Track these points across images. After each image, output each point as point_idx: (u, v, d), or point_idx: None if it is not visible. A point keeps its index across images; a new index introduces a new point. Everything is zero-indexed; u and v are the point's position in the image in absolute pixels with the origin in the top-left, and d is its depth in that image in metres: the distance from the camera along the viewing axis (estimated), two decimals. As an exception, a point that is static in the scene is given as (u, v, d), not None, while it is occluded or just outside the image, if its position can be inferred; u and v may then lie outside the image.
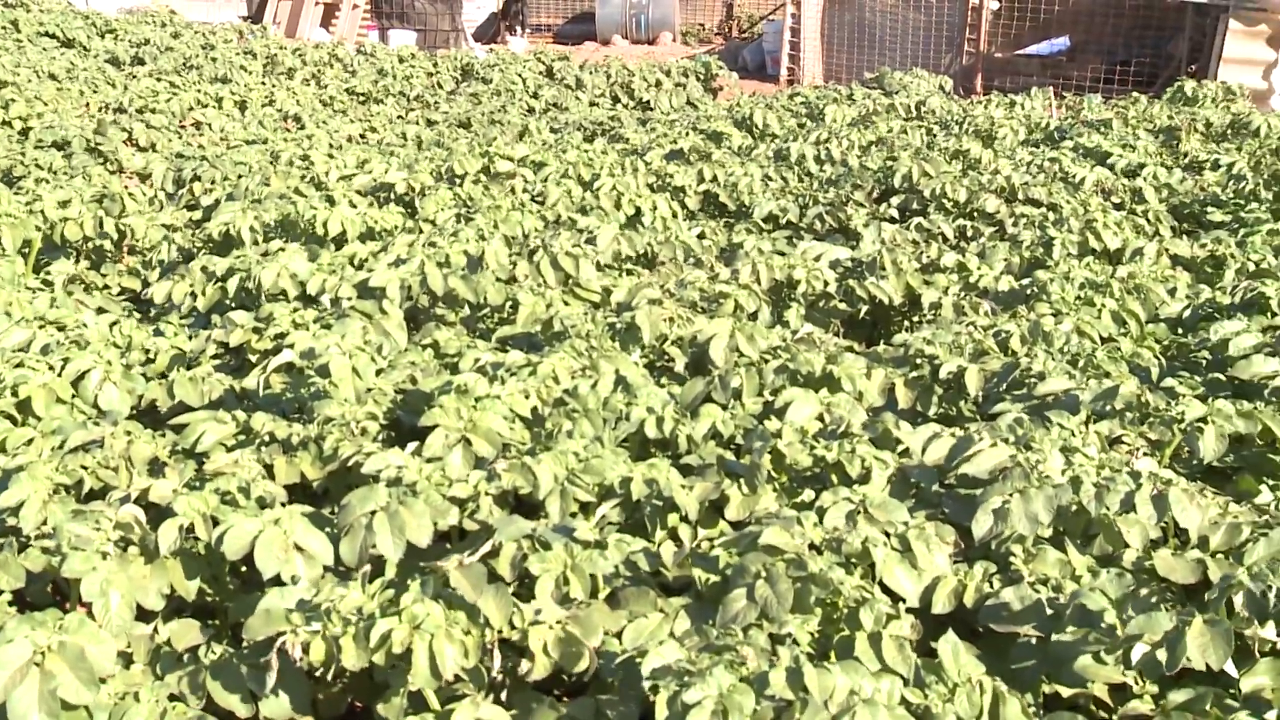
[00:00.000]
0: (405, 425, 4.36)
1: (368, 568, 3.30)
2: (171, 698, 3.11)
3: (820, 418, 4.29)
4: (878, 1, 16.55)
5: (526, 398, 4.26)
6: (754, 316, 5.60)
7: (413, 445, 3.91)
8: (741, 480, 3.74)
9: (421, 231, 6.73)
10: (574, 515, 3.59)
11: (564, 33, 22.71)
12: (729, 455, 4.05)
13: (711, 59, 14.89)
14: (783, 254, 6.39)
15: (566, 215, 7.02)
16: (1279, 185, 7.95)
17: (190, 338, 5.22)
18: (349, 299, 5.37)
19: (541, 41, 21.49)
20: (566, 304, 5.58)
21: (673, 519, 3.64)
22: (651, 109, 13.12)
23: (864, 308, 6.12)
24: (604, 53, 19.05)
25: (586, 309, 5.62)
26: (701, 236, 7.13)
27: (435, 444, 3.86)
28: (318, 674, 3.01)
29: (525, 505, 3.77)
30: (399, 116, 12.10)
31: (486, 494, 3.64)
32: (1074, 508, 3.45)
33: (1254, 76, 13.29)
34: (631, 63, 14.36)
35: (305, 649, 2.90)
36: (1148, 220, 7.34)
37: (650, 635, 3.02)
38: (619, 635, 3.10)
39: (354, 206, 6.94)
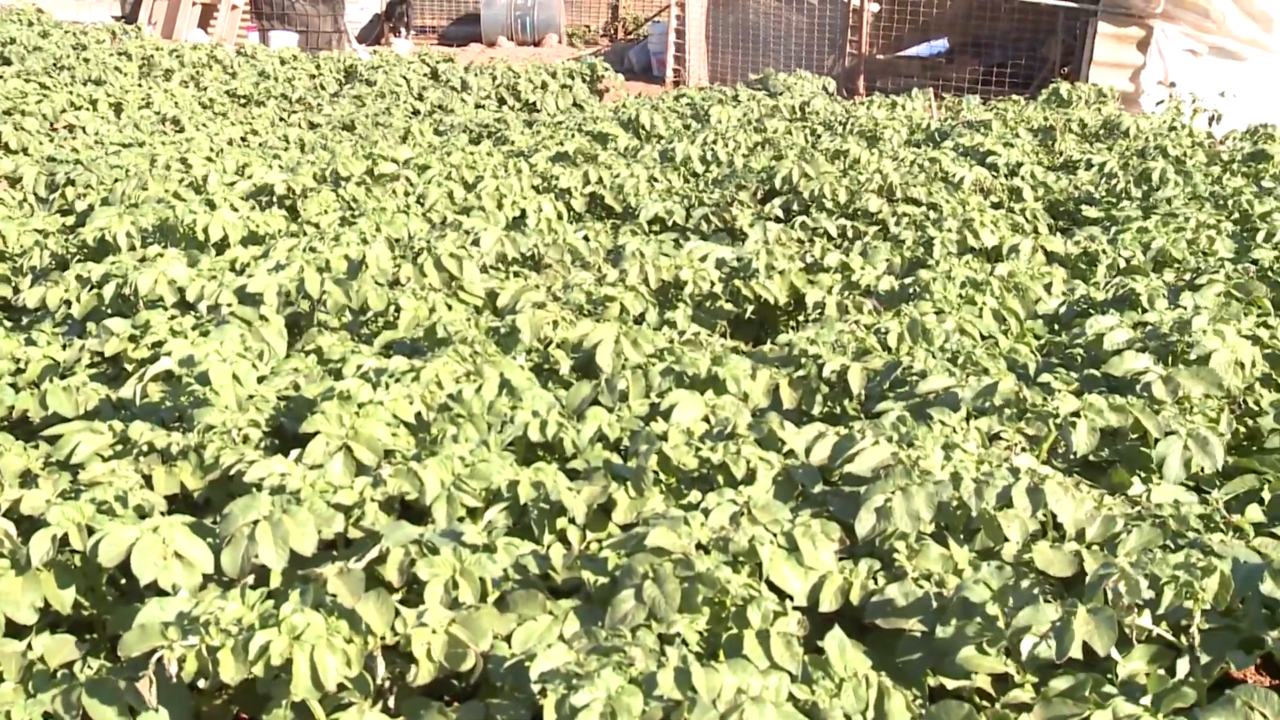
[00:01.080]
0: (288, 432, 4.29)
1: (251, 578, 3.24)
2: (45, 716, 3.01)
3: (706, 419, 4.31)
4: (761, 4, 16.69)
5: (410, 403, 4.22)
6: (640, 318, 5.61)
7: (296, 452, 3.85)
8: (628, 483, 3.74)
9: (304, 235, 6.62)
10: (461, 520, 3.56)
11: (449, 34, 22.52)
12: (616, 458, 4.05)
13: (597, 61, 14.89)
14: (669, 255, 6.41)
15: (451, 217, 6.96)
16: (1148, 184, 8.18)
17: (64, 346, 5.07)
18: (229, 305, 5.26)
19: (426, 43, 21.29)
20: (450, 308, 5.53)
21: (561, 522, 3.63)
22: (537, 111, 13.08)
23: (750, 308, 6.16)
24: (489, 54, 18.93)
25: (470, 313, 5.58)
26: (588, 238, 7.12)
27: (316, 451, 3.80)
28: (201, 686, 2.94)
29: (412, 511, 3.73)
30: (281, 119, 11.90)
31: (372, 500, 3.59)
32: (955, 503, 3.51)
33: (1123, 79, 13.66)
34: (517, 64, 14.30)
35: (182, 664, 2.82)
36: (1025, 218, 7.51)
37: (539, 638, 3.01)
38: (509, 639, 3.08)
39: (235, 210, 6.80)
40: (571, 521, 3.61)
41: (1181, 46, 13.62)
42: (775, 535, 3.23)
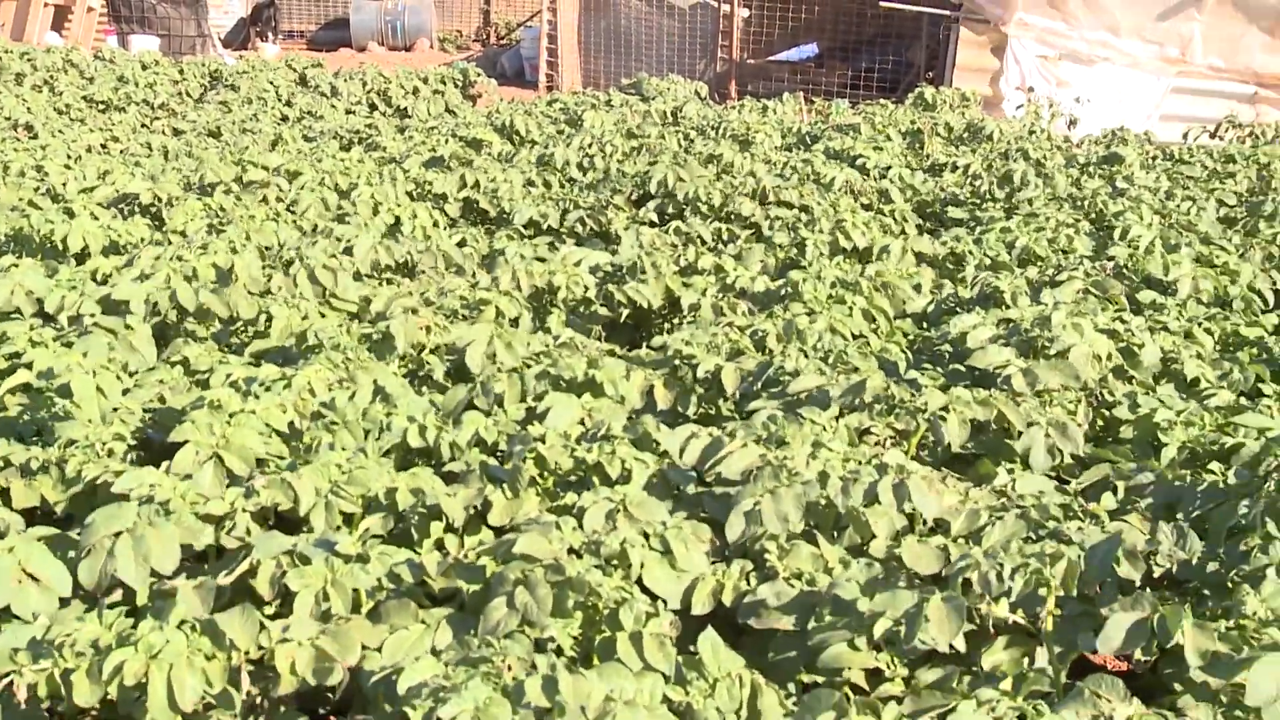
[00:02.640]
0: (155, 444, 4.20)
1: (117, 594, 3.16)
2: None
3: (582, 422, 4.32)
4: (632, 9, 16.77)
5: (283, 411, 4.16)
6: (515, 323, 5.60)
7: (165, 464, 3.76)
8: (504, 485, 3.73)
9: (170, 244, 6.47)
10: (339, 528, 3.52)
11: (318, 39, 22.19)
12: (493, 462, 4.04)
13: (470, 66, 14.83)
14: (543, 260, 6.42)
15: (323, 225, 6.87)
16: (1010, 185, 8.41)
17: (-87, 362, 4.89)
18: (91, 315, 5.13)
19: (294, 48, 20.96)
20: (323, 315, 5.46)
21: (437, 528, 3.61)
22: (409, 116, 12.97)
23: (625, 312, 6.19)
24: (360, 60, 18.72)
25: (343, 320, 5.52)
26: (462, 244, 7.09)
27: (184, 461, 3.73)
28: (60, 710, 2.86)
29: (286, 521, 3.67)
30: (143, 125, 11.61)
31: (244, 511, 3.53)
32: (823, 502, 3.57)
33: (984, 83, 14.03)
34: (388, 70, 14.16)
35: (34, 689, 2.74)
36: (894, 219, 7.66)
37: (410, 648, 2.98)
38: (381, 649, 3.05)
39: (96, 219, 6.63)
40: (449, 529, 3.60)
41: (1035, 52, 14.03)
42: (648, 538, 3.25)
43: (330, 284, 5.68)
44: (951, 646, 2.94)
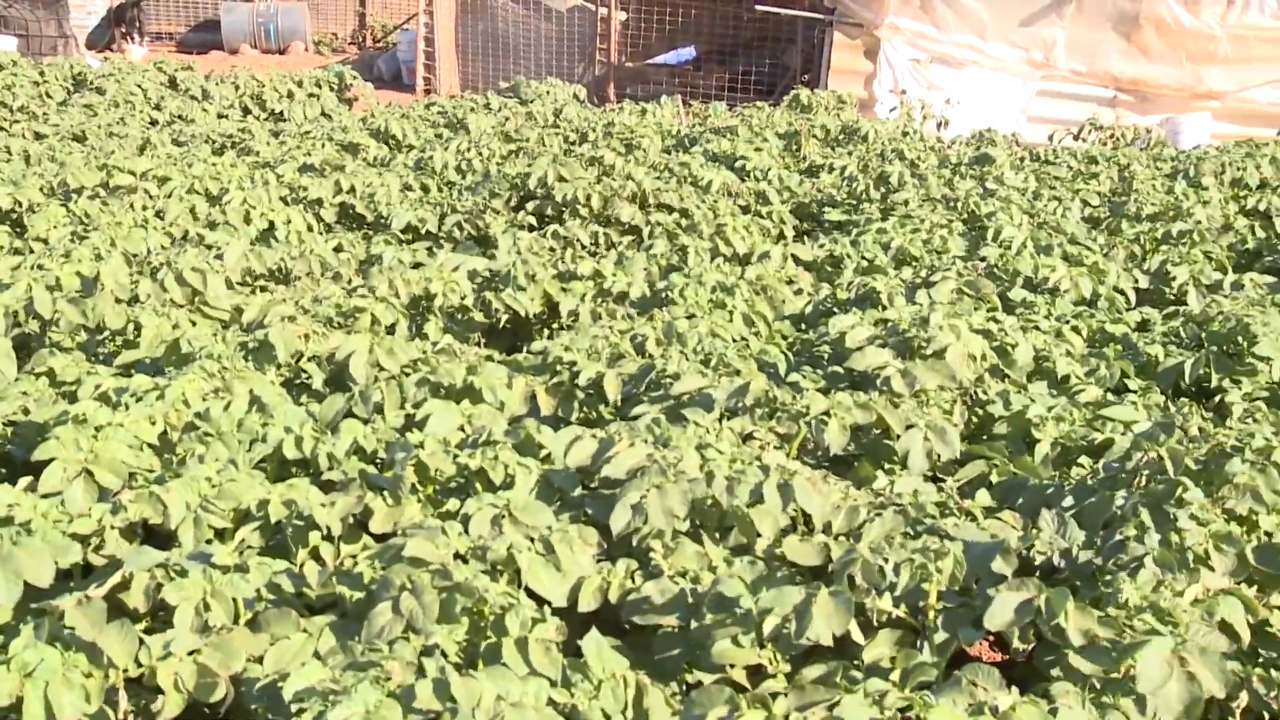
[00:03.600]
0: (18, 460, 4.06)
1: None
2: None
3: (463, 428, 4.29)
4: (510, 12, 16.70)
5: (153, 424, 4.05)
6: (392, 330, 5.53)
7: (25, 481, 3.63)
8: (385, 492, 3.68)
9: (32, 251, 6.27)
10: (210, 542, 3.44)
11: (188, 41, 21.67)
12: (372, 470, 3.98)
13: (346, 69, 14.61)
14: (421, 266, 6.35)
15: (194, 231, 6.72)
16: (885, 186, 8.55)
17: None
18: (-52, 328, 4.94)
19: (163, 50, 20.46)
20: (194, 324, 5.33)
21: (315, 538, 3.54)
22: (284, 120, 12.74)
23: (504, 317, 6.16)
24: (232, 62, 18.34)
25: (216, 328, 5.39)
26: (339, 249, 6.99)
27: (52, 478, 3.61)
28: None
29: (157, 536, 3.57)
30: (1, 129, 11.23)
31: (113, 527, 3.43)
32: (709, 501, 3.59)
33: (859, 85, 14.26)
34: (262, 73, 13.89)
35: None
36: (772, 222, 7.74)
37: (293, 657, 2.93)
38: (261, 660, 2.99)
39: (-47, 227, 6.40)
40: (326, 538, 3.53)
41: (907, 55, 14.30)
42: (533, 542, 3.23)
43: (200, 287, 5.55)
44: (834, 639, 2.97)
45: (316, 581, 3.22)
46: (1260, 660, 3.16)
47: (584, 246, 7.24)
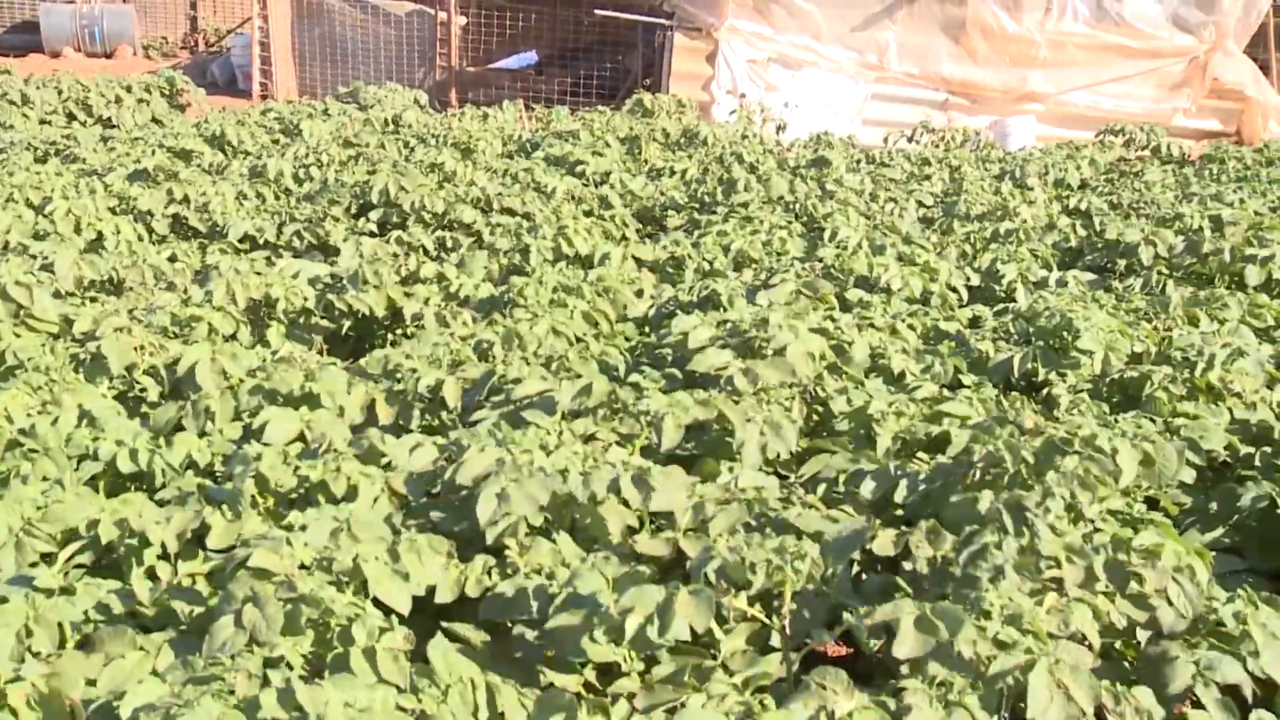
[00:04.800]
0: None
1: None
2: None
3: (302, 436, 4.21)
4: (348, 16, 16.45)
5: (-27, 442, 3.89)
6: (232, 338, 5.40)
7: None
8: (224, 506, 3.60)
9: None
10: (34, 565, 3.31)
11: (3, 43, 20.82)
12: (210, 483, 3.88)
13: (177, 73, 14.22)
14: (260, 273, 6.22)
15: (16, 241, 6.46)
16: (726, 189, 8.66)
17: None
18: None
19: (-23, 53, 19.63)
20: (19, 336, 5.13)
21: (151, 555, 3.44)
22: (113, 126, 12.35)
23: (347, 323, 6.07)
24: (53, 66, 17.68)
25: (45, 340, 5.20)
26: (173, 259, 6.80)
27: None
28: None
29: (-22, 562, 3.43)
30: None
31: (-75, 555, 3.28)
32: (563, 497, 3.59)
33: (699, 89, 14.41)
34: (87, 77, 13.43)
35: None
36: (615, 225, 7.78)
37: (130, 674, 2.84)
38: (95, 682, 2.89)
39: None
40: (163, 555, 3.43)
41: (745, 56, 14.51)
42: (380, 552, 3.19)
43: (26, 302, 5.34)
44: (693, 636, 2.99)
45: (149, 599, 3.12)
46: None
47: (427, 251, 7.18)
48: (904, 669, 2.96)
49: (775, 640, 3.20)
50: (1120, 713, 2.91)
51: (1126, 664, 3.34)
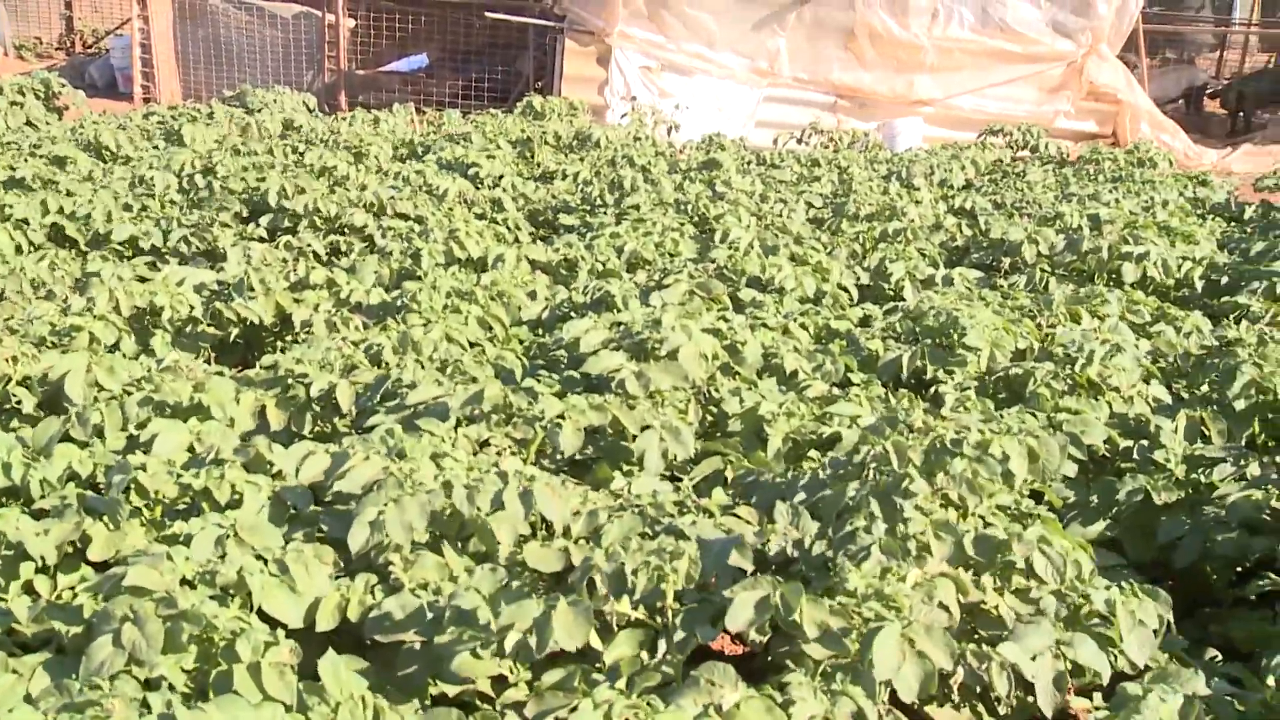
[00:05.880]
0: None
1: None
2: None
3: (191, 448, 4.12)
4: (232, 18, 16.14)
5: None
6: (115, 347, 5.28)
7: None
8: (105, 518, 3.50)
9: None
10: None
11: None
12: (91, 495, 3.78)
13: (52, 75, 13.82)
14: (145, 280, 6.08)
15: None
16: (619, 192, 8.67)
17: None
18: None
19: None
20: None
21: (28, 569, 3.34)
22: (-13, 130, 11.96)
23: (235, 331, 5.96)
24: (-79, 68, 17.10)
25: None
26: (53, 267, 6.61)
27: None
28: None
29: None
30: None
31: None
32: (448, 511, 3.56)
33: (591, 92, 14.41)
34: (-45, 80, 13.00)
35: None
36: (508, 228, 7.74)
37: (0, 701, 2.75)
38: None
39: None
40: (41, 569, 3.34)
41: (638, 63, 14.54)
42: (266, 563, 3.13)
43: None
44: (575, 646, 2.99)
45: (28, 617, 3.03)
46: (975, 638, 3.34)
47: (318, 256, 7.07)
48: (790, 662, 3.00)
49: (661, 644, 3.21)
50: (986, 670, 2.99)
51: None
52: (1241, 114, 16.87)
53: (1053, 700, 3.03)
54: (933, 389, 5.08)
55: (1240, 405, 4.72)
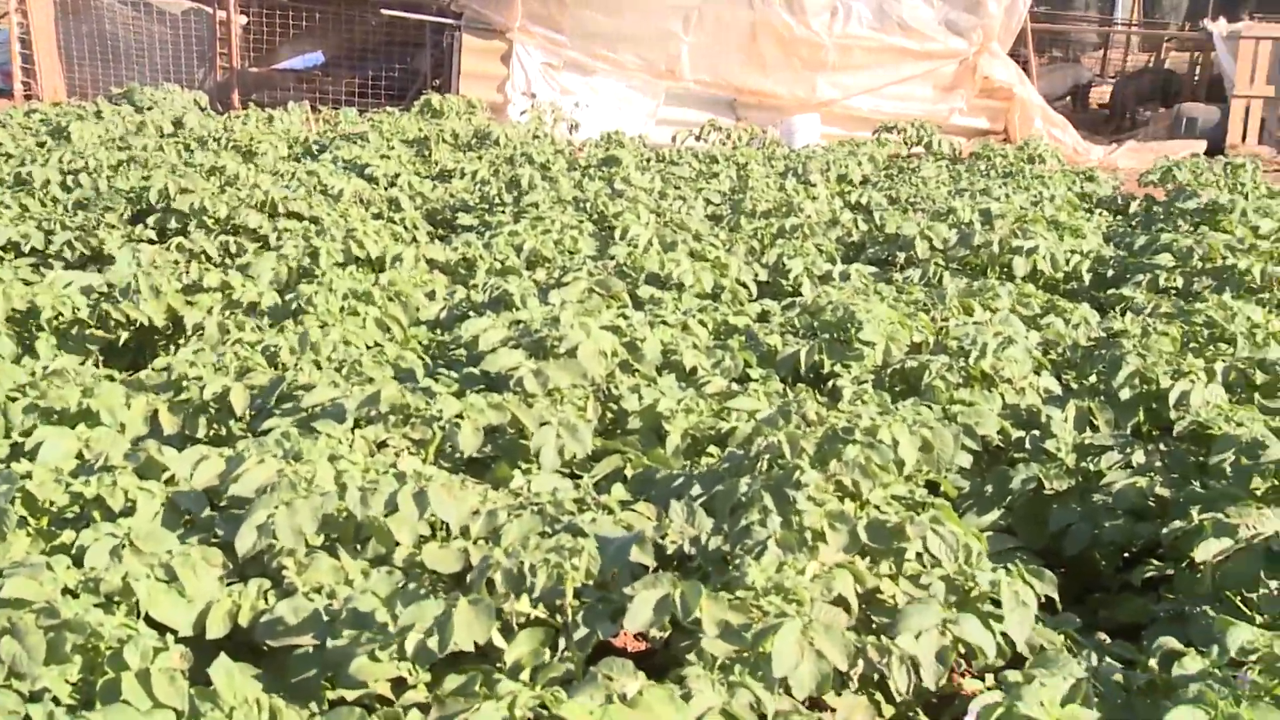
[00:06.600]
0: None
1: None
2: None
3: (81, 454, 4.02)
4: (118, 14, 15.77)
5: None
6: (-6, 352, 5.14)
7: None
8: (-11, 530, 3.41)
9: None
10: None
11: None
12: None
13: (-73, 72, 13.42)
14: (29, 282, 5.92)
15: None
16: (517, 190, 8.64)
17: None
18: None
19: None
20: None
21: (-93, 586, 3.24)
22: None
23: (125, 334, 5.83)
24: None
25: None
26: (-72, 269, 6.41)
27: None
28: None
29: None
30: None
31: None
32: (343, 514, 3.52)
33: (490, 90, 14.34)
34: None
35: None
36: (405, 228, 7.67)
37: (-122, 724, 2.66)
38: None
39: None
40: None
41: (539, 60, 14.51)
42: (153, 568, 3.07)
43: None
44: (476, 645, 2.98)
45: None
46: (874, 627, 3.39)
47: (210, 258, 6.95)
48: (691, 657, 3.02)
49: (561, 642, 3.21)
50: (886, 663, 3.04)
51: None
52: (1125, 112, 17.33)
53: (935, 674, 3.08)
54: (830, 383, 5.13)
55: (1125, 395, 4.84)
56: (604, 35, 14.64)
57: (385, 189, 8.76)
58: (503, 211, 8.22)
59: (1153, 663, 3.08)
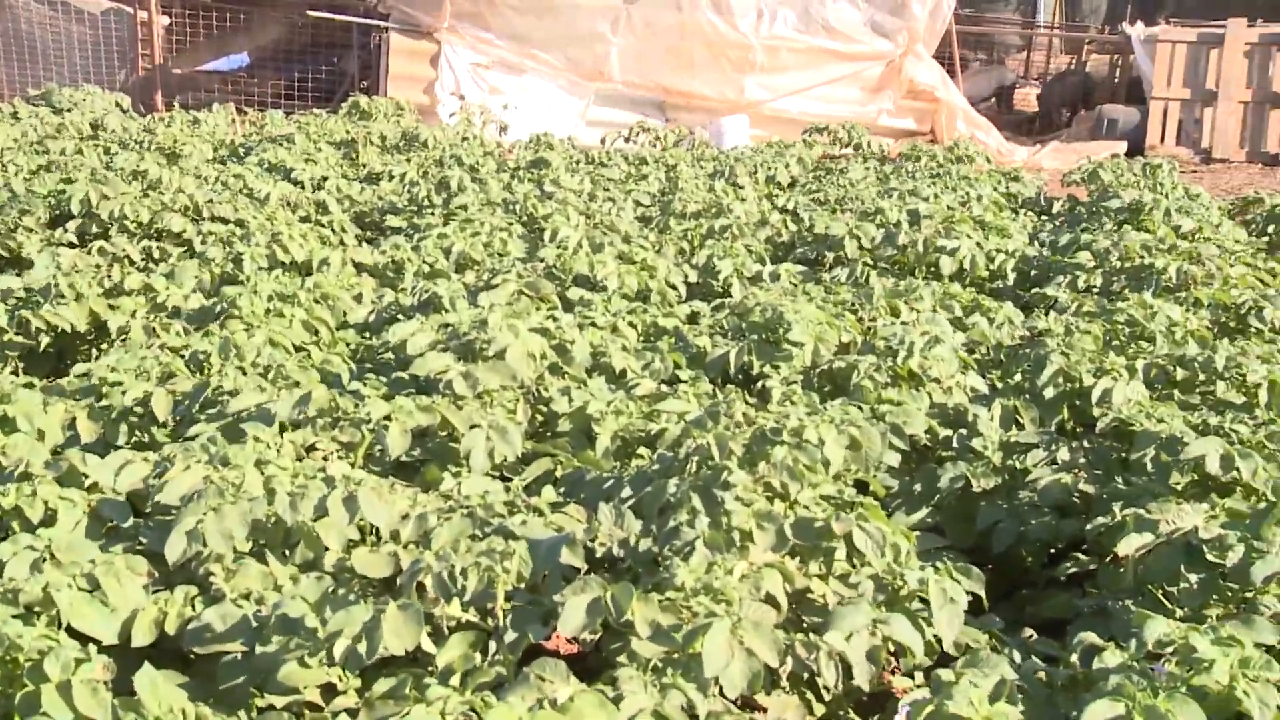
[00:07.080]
0: None
1: None
2: None
3: (-2, 464, 3.95)
4: (34, 12, 15.48)
5: None
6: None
7: None
8: (-99, 544, 3.33)
9: None
10: None
11: None
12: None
13: None
14: (-59, 291, 5.80)
15: None
16: (446, 192, 8.60)
17: None
18: None
19: None
20: None
21: None
22: None
23: (45, 339, 5.72)
24: None
25: None
26: None
27: None
28: None
29: None
30: None
31: None
32: (272, 519, 3.48)
33: (419, 91, 14.24)
34: None
35: None
36: (332, 231, 7.61)
37: None
38: None
39: None
40: None
41: (469, 60, 14.44)
42: (75, 578, 3.02)
43: None
44: (407, 650, 2.96)
45: None
46: (804, 625, 3.42)
47: (133, 262, 6.84)
48: (622, 659, 3.02)
49: (492, 645, 3.20)
50: (814, 660, 3.06)
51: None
52: (1049, 113, 17.60)
53: (868, 674, 3.11)
54: (760, 384, 5.16)
55: (1050, 393, 4.91)
56: (532, 36, 14.60)
57: (312, 192, 8.68)
58: (431, 214, 8.18)
59: (1074, 658, 3.13)
